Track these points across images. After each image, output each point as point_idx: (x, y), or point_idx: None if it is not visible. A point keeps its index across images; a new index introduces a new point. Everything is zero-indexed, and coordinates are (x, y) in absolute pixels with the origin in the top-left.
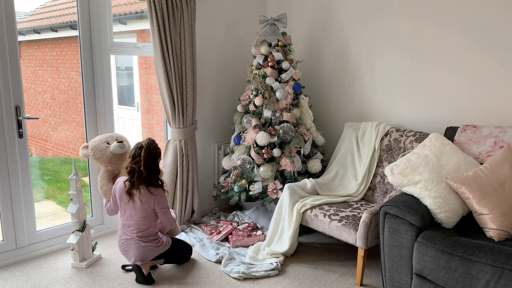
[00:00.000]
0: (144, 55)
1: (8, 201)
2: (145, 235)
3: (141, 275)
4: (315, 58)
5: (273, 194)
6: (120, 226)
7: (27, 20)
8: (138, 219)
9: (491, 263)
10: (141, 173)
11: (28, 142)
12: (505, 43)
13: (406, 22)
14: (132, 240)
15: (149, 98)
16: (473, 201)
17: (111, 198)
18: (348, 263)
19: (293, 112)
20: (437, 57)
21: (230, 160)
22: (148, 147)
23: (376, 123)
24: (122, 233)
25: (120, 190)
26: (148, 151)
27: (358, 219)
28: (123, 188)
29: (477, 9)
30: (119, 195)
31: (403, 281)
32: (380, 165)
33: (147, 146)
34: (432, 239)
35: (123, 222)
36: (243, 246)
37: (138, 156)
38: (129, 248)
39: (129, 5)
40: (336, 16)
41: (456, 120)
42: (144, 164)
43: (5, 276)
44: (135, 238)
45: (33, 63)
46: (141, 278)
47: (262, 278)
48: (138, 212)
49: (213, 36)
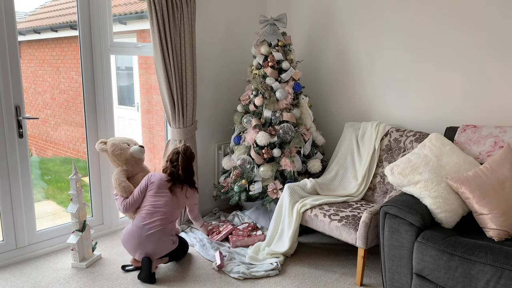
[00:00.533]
0: (144, 55)
1: (8, 201)
2: (169, 229)
3: (148, 270)
4: (315, 58)
5: (273, 194)
6: (139, 219)
7: (27, 20)
8: (173, 210)
9: (491, 263)
10: (179, 176)
11: (28, 142)
12: (506, 43)
13: (406, 22)
14: (153, 233)
15: (149, 98)
16: (473, 201)
17: (137, 192)
18: (348, 263)
19: (293, 112)
20: (438, 57)
21: (230, 160)
22: (184, 152)
23: (376, 123)
24: (142, 226)
25: (160, 181)
26: (184, 156)
27: (358, 219)
28: (162, 181)
29: (478, 9)
30: (157, 185)
31: (403, 281)
32: (380, 165)
33: (184, 152)
34: (432, 239)
35: (148, 212)
36: (243, 246)
37: (176, 161)
38: (147, 241)
39: (129, 5)
40: (336, 16)
41: (456, 120)
42: (182, 169)
43: (5, 276)
44: (159, 229)
45: (33, 63)
46: (146, 273)
47: (262, 278)
48: (174, 204)
49: (213, 36)
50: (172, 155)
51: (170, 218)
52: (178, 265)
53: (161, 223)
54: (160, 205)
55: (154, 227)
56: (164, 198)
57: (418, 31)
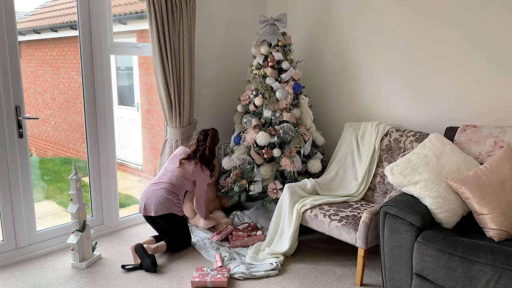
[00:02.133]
0: (144, 55)
1: (8, 201)
2: (172, 191)
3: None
4: (315, 58)
5: (273, 194)
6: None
7: (27, 20)
8: (179, 178)
9: (491, 263)
10: (204, 155)
11: (28, 142)
12: (506, 43)
13: (406, 22)
14: (160, 191)
15: (149, 98)
16: (473, 201)
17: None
18: (348, 263)
19: (293, 112)
20: (438, 57)
21: (230, 160)
22: (213, 135)
23: (376, 123)
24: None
25: (179, 152)
26: (213, 138)
27: (358, 219)
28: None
29: (478, 9)
30: (175, 154)
31: (403, 281)
32: (380, 165)
33: (213, 135)
34: (432, 239)
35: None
36: (243, 246)
37: (204, 140)
38: (152, 198)
39: (129, 5)
40: (336, 16)
41: (456, 120)
42: (208, 149)
43: (5, 276)
44: (163, 187)
45: (33, 63)
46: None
47: (262, 278)
48: (181, 173)
49: (213, 36)
50: (200, 135)
51: (177, 185)
52: (178, 265)
53: (166, 185)
54: (169, 170)
55: (160, 185)
56: (174, 165)
57: (418, 31)
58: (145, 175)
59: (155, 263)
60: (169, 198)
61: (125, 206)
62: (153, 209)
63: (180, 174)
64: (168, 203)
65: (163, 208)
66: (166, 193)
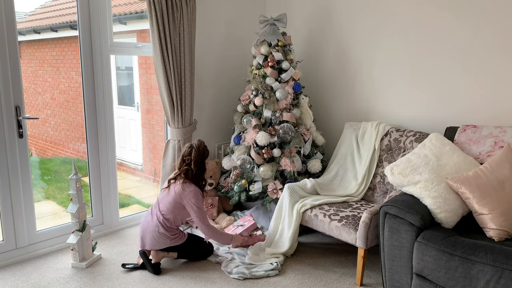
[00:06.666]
0: (144, 55)
1: (8, 201)
2: (166, 225)
3: (147, 262)
4: (315, 58)
5: (273, 194)
6: (149, 212)
7: (27, 20)
8: (170, 203)
9: (491, 263)
10: (191, 170)
11: (28, 142)
12: (506, 43)
13: (406, 22)
14: (153, 225)
15: (149, 98)
16: (473, 201)
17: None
18: (348, 263)
19: (293, 112)
20: (437, 57)
21: (230, 160)
22: (198, 147)
23: (376, 123)
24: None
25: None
26: (198, 151)
27: (358, 219)
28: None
29: (478, 9)
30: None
31: (403, 281)
32: (380, 165)
33: (197, 147)
34: (432, 239)
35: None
36: (243, 246)
37: (189, 155)
38: (147, 232)
39: (129, 5)
40: (336, 16)
41: (456, 120)
42: (194, 163)
43: (5, 276)
44: (157, 223)
45: (33, 63)
46: (147, 264)
47: (262, 278)
48: (172, 198)
49: (213, 36)
50: (185, 150)
51: (170, 218)
52: (179, 264)
53: (160, 218)
54: (160, 199)
55: (154, 217)
56: (163, 193)
57: (419, 31)
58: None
59: (158, 270)
60: (162, 234)
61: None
62: (148, 244)
63: (171, 200)
64: (162, 239)
65: (159, 244)
66: (160, 228)
